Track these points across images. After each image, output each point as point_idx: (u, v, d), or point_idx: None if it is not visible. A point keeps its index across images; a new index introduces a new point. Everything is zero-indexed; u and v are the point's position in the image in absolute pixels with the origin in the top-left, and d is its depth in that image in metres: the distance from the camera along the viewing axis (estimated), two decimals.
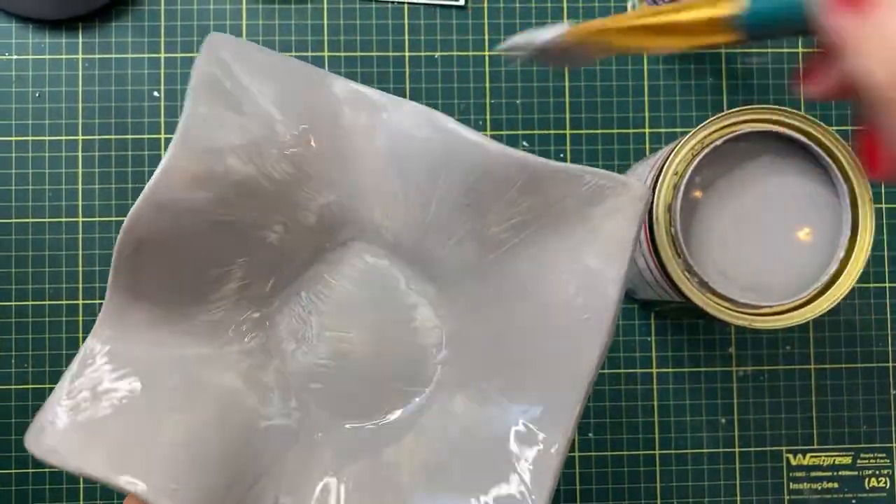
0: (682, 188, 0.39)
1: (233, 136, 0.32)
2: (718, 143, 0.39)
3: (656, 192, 0.40)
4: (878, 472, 0.50)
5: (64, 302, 0.49)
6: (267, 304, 0.35)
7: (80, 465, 0.29)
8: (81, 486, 0.48)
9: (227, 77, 0.32)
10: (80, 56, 0.50)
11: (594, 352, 0.29)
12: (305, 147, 0.33)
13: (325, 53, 0.50)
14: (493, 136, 0.47)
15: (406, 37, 0.50)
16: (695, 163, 0.39)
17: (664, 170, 0.40)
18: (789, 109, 0.39)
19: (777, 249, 0.40)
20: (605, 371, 0.49)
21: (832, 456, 0.50)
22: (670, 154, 0.40)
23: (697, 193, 0.40)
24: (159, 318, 0.33)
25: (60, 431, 0.30)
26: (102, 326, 0.32)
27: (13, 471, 0.48)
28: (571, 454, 0.49)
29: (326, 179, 0.34)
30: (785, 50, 0.51)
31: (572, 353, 0.30)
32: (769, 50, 0.51)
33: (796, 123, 0.40)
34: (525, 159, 0.31)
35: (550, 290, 0.31)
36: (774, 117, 0.40)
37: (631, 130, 0.51)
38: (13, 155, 0.49)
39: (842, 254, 0.39)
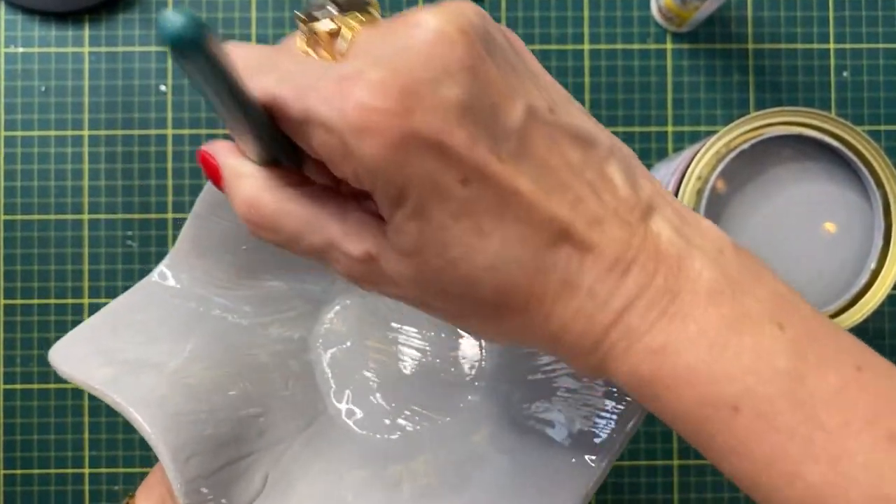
0: (706, 194, 0.37)
1: None
2: (745, 147, 0.37)
3: (679, 198, 0.38)
4: None
5: (69, 301, 0.48)
6: (319, 301, 0.36)
7: (85, 379, 0.30)
8: (86, 489, 0.47)
9: None
10: (87, 49, 0.49)
11: None
12: None
13: None
14: None
15: None
16: (720, 167, 0.37)
17: (687, 174, 0.38)
18: (819, 112, 0.38)
19: (805, 259, 0.38)
20: None
21: None
22: (694, 157, 0.38)
23: (722, 199, 0.39)
24: (213, 278, 0.34)
25: (82, 349, 0.31)
26: (168, 264, 0.33)
27: (18, 471, 0.47)
28: None
29: None
30: (815, 46, 0.49)
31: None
32: (798, 46, 0.49)
33: (827, 127, 0.38)
34: None
35: None
36: (803, 120, 0.38)
37: (653, 128, 0.49)
38: (18, 150, 0.48)
39: (873, 265, 0.37)
